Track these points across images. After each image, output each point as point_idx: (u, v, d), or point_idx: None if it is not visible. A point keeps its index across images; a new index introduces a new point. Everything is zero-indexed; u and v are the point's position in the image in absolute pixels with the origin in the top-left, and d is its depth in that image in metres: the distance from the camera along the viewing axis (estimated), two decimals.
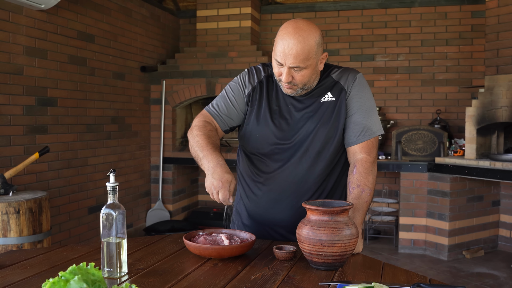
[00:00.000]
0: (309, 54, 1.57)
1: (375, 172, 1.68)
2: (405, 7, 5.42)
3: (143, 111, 5.33)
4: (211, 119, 1.77)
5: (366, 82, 1.75)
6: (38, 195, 3.00)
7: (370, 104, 1.72)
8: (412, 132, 4.93)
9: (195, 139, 1.67)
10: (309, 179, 1.71)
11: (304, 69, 1.59)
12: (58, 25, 3.95)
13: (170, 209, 5.48)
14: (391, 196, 5.37)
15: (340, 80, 1.71)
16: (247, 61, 5.25)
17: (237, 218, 1.89)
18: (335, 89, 1.70)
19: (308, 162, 1.70)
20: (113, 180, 1.32)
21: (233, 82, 1.80)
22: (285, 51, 1.56)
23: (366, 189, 1.62)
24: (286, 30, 1.58)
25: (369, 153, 1.69)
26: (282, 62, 1.58)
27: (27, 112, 3.66)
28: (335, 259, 1.34)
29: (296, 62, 1.56)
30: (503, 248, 4.81)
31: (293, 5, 5.74)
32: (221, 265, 1.41)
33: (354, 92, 1.70)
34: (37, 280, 1.27)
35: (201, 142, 1.65)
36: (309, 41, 1.56)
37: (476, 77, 5.25)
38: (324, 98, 1.70)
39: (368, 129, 1.69)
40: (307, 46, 1.55)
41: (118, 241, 1.30)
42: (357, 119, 1.69)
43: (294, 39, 1.54)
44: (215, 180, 1.51)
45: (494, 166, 4.12)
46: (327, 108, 1.69)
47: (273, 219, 1.75)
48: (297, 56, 1.55)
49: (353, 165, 1.68)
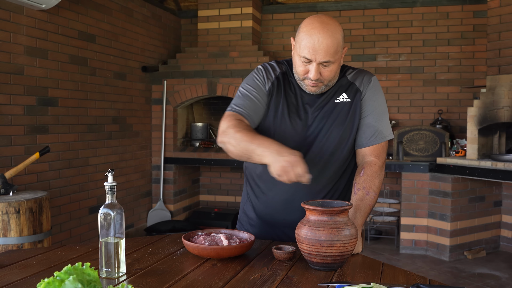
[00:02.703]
0: (338, 48, 1.55)
1: (382, 177, 1.67)
2: (407, 7, 5.41)
3: (144, 111, 5.33)
4: (241, 118, 1.65)
5: (380, 86, 1.74)
6: (38, 195, 3.00)
7: (383, 108, 1.71)
8: (414, 132, 4.92)
9: (236, 136, 1.54)
10: (322, 180, 1.69)
11: (332, 63, 1.57)
12: (59, 25, 3.95)
13: (171, 209, 5.47)
14: (393, 197, 5.36)
15: (356, 82, 1.70)
16: (249, 61, 5.24)
17: (243, 219, 1.86)
18: (350, 90, 1.69)
19: (321, 163, 1.68)
20: (111, 180, 1.31)
21: (252, 80, 1.72)
22: (315, 46, 1.53)
23: (371, 192, 1.61)
24: (312, 26, 1.55)
25: (379, 157, 1.68)
26: (312, 58, 1.55)
27: (27, 112, 3.66)
28: (334, 259, 1.33)
29: (327, 56, 1.54)
30: (504, 249, 4.80)
31: (294, 5, 5.73)
32: (220, 265, 1.40)
33: (369, 95, 1.69)
34: (35, 280, 1.26)
35: (247, 135, 1.53)
36: (336, 34, 1.55)
37: (478, 77, 5.24)
38: (339, 99, 1.68)
39: (379, 132, 1.68)
40: (336, 40, 1.54)
41: (116, 241, 1.30)
42: (370, 121, 1.68)
43: (323, 33, 1.52)
44: (287, 156, 1.41)
45: (496, 166, 4.11)
46: (342, 109, 1.67)
47: (283, 220, 1.73)
48: (328, 51, 1.53)
49: (361, 167, 1.67)
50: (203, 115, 6.04)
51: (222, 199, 6.03)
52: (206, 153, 5.36)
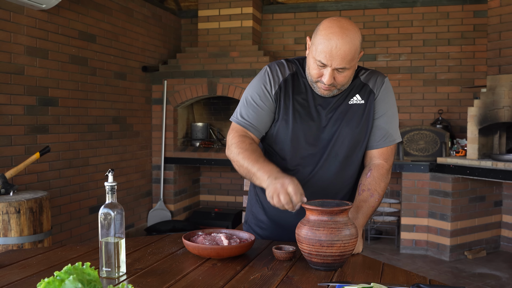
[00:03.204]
0: (355, 55, 1.51)
1: (388, 180, 1.66)
2: (407, 6, 5.41)
3: (144, 111, 5.33)
4: (246, 132, 1.67)
5: (392, 87, 1.72)
6: (38, 195, 3.00)
7: (394, 110, 1.70)
8: (414, 132, 4.91)
9: (239, 157, 1.59)
10: (338, 184, 1.68)
11: (348, 70, 1.53)
12: (59, 25, 3.95)
13: (172, 209, 5.47)
14: (393, 196, 5.36)
15: (369, 83, 1.67)
16: (249, 61, 5.24)
17: (252, 221, 1.84)
18: (364, 92, 1.66)
19: (337, 166, 1.66)
20: (111, 180, 1.31)
21: (258, 85, 1.69)
22: (332, 52, 1.48)
23: (375, 194, 1.61)
24: (332, 30, 1.49)
25: (387, 160, 1.68)
26: (328, 63, 1.50)
27: (28, 112, 3.66)
28: (334, 259, 1.33)
29: (343, 63, 1.50)
30: (505, 249, 4.79)
31: (294, 5, 5.73)
32: (220, 265, 1.40)
33: (381, 96, 1.67)
34: (35, 280, 1.26)
35: (248, 158, 1.57)
36: (355, 41, 1.50)
37: (478, 77, 5.24)
38: (352, 100, 1.65)
39: (389, 135, 1.67)
40: (354, 47, 1.49)
41: (116, 240, 1.30)
42: (380, 123, 1.66)
43: (342, 39, 1.47)
44: (279, 183, 1.43)
45: (496, 166, 4.10)
46: (356, 111, 1.65)
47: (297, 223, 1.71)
48: (345, 57, 1.49)
49: (368, 168, 1.66)
50: (203, 115, 6.04)
51: (222, 199, 6.03)
52: (206, 153, 5.36)
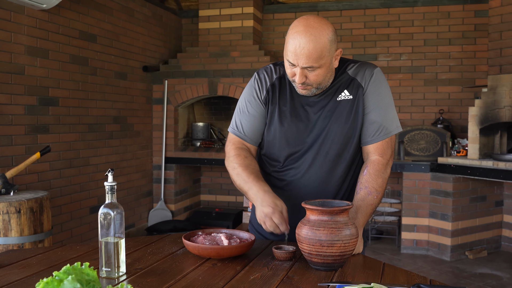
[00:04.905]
0: (322, 53, 1.48)
1: (387, 175, 1.63)
2: (408, 6, 5.41)
3: (145, 110, 5.33)
4: (242, 143, 1.73)
5: (384, 77, 1.67)
6: (39, 195, 3.00)
7: (387, 101, 1.65)
8: (415, 132, 4.91)
9: (235, 172, 1.66)
10: (330, 182, 1.66)
11: (318, 68, 1.51)
12: (59, 25, 3.95)
13: (172, 209, 5.47)
14: (394, 196, 5.35)
15: (357, 77, 1.64)
16: (250, 61, 5.24)
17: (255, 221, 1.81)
18: (352, 86, 1.63)
19: (328, 166, 1.64)
20: (111, 180, 1.31)
21: (249, 93, 1.73)
22: (296, 51, 1.48)
23: (373, 192, 1.58)
24: (297, 29, 1.49)
25: (383, 154, 1.64)
26: (295, 62, 1.50)
27: (28, 112, 3.66)
28: (334, 259, 1.33)
29: (309, 62, 1.48)
30: (506, 249, 4.79)
31: (295, 5, 5.73)
32: (220, 265, 1.40)
33: (371, 89, 1.63)
34: (35, 280, 1.26)
35: (242, 174, 1.63)
36: (321, 39, 1.47)
37: (479, 77, 5.23)
38: (340, 96, 1.63)
39: (384, 128, 1.63)
40: (319, 45, 1.47)
41: (116, 240, 1.29)
42: (373, 117, 1.63)
43: (306, 38, 1.46)
44: (265, 207, 1.50)
45: (497, 166, 4.10)
46: (344, 107, 1.63)
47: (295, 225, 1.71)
48: (310, 56, 1.47)
49: (365, 165, 1.64)
50: (204, 114, 6.04)
51: (223, 199, 6.03)
52: (207, 153, 5.36)
